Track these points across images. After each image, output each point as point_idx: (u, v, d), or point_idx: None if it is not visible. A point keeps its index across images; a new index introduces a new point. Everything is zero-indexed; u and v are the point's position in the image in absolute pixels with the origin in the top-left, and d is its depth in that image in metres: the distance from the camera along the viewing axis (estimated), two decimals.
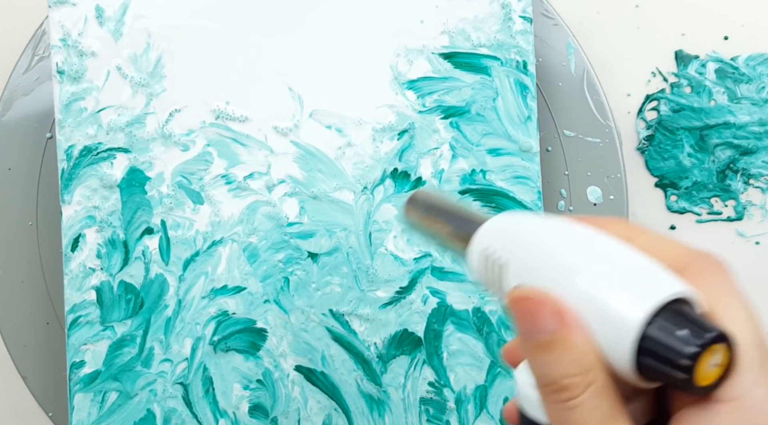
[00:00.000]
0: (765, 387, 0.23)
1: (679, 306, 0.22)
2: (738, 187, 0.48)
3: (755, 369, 0.23)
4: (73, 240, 0.42)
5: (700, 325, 0.22)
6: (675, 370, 0.21)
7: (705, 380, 0.22)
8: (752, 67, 0.48)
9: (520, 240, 0.25)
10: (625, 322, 0.22)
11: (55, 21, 0.42)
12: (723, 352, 0.22)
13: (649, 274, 0.23)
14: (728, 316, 0.23)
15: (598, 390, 0.23)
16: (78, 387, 0.42)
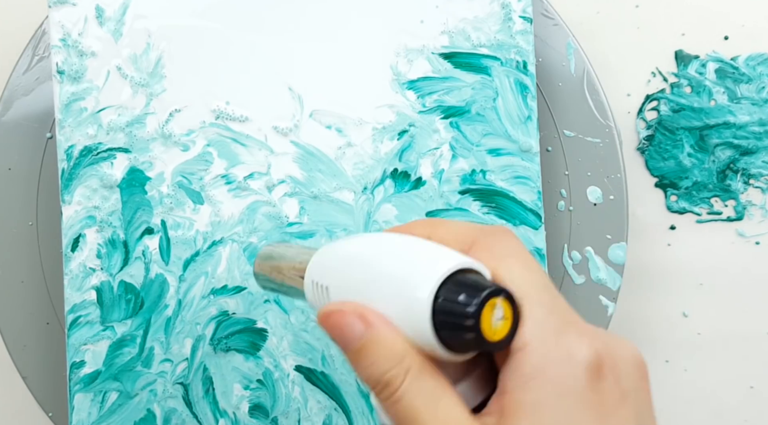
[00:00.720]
0: (550, 328, 0.24)
1: (461, 277, 0.24)
2: (738, 187, 0.47)
3: (539, 314, 0.24)
4: (73, 240, 0.42)
5: (476, 286, 0.23)
6: (465, 332, 0.23)
7: (496, 335, 0.23)
8: (752, 67, 0.48)
9: (334, 263, 0.27)
10: (417, 305, 0.24)
11: (55, 21, 0.42)
12: (504, 306, 0.23)
13: (431, 258, 0.25)
14: (509, 274, 0.24)
15: (415, 375, 0.24)
16: (78, 387, 0.42)
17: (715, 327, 0.47)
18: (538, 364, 0.23)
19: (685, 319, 0.47)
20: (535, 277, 0.25)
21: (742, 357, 0.47)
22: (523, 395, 0.23)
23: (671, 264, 0.47)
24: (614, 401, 0.23)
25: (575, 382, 0.23)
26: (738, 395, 0.47)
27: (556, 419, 0.23)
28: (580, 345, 0.23)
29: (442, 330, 0.23)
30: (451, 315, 0.23)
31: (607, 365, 0.24)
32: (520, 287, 0.24)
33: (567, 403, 0.23)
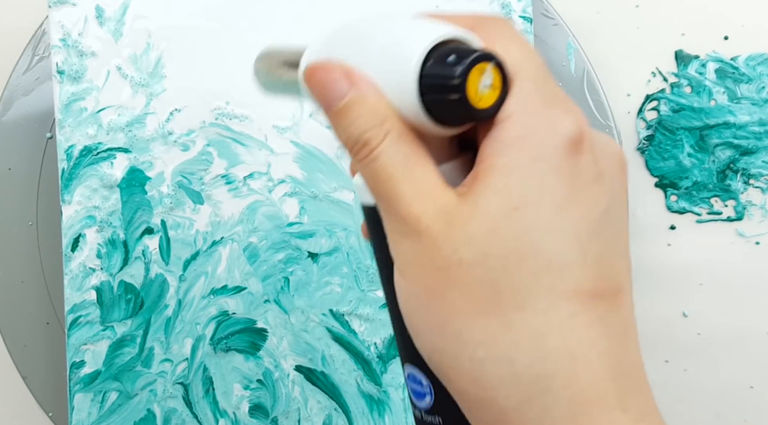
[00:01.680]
0: (538, 101, 0.23)
1: (452, 45, 0.23)
2: (738, 187, 0.47)
3: (528, 87, 0.23)
4: (73, 240, 0.41)
5: (467, 51, 0.22)
6: (449, 93, 0.22)
7: (482, 102, 0.22)
8: (752, 67, 0.47)
9: (328, 42, 0.26)
10: (405, 67, 0.23)
11: (55, 21, 0.42)
12: (494, 73, 0.22)
13: (425, 27, 0.23)
14: (505, 51, 0.23)
15: (395, 138, 0.23)
16: (78, 387, 0.41)
17: (715, 327, 0.47)
18: (520, 132, 0.22)
19: (684, 319, 0.47)
20: (530, 56, 0.24)
21: (742, 357, 0.47)
22: (499, 158, 0.22)
23: (671, 264, 0.47)
24: (590, 176, 0.23)
25: (553, 150, 0.22)
26: (738, 395, 0.47)
27: (528, 180, 0.22)
28: (565, 119, 0.23)
29: (427, 94, 0.23)
30: (438, 77, 0.22)
31: (588, 143, 0.23)
32: (514, 62, 0.23)
33: (541, 167, 0.22)
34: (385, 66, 0.24)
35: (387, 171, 0.23)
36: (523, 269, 0.22)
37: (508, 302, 0.22)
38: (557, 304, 0.22)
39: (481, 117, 0.23)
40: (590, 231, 0.23)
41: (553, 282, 0.22)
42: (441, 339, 0.23)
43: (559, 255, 0.22)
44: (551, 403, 0.22)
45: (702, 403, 0.47)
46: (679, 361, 0.47)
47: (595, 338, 0.23)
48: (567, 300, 0.22)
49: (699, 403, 0.47)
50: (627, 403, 0.22)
